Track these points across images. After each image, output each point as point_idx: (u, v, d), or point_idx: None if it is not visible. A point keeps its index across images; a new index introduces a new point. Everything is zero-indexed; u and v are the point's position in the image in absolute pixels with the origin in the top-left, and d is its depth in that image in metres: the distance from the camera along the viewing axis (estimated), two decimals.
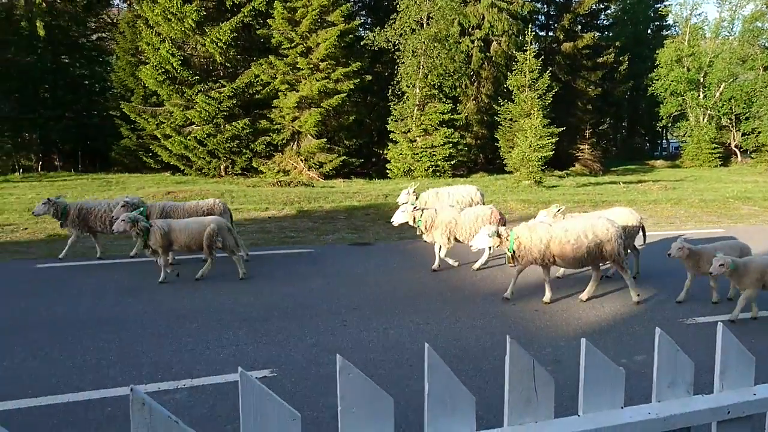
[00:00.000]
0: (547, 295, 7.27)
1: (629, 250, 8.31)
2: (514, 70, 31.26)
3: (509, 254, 7.20)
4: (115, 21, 40.30)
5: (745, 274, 6.30)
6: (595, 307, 7.10)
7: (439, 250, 8.86)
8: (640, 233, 8.43)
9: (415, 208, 8.81)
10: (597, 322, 6.58)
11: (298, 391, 4.70)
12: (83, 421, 4.24)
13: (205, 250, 8.02)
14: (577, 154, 38.93)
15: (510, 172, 27.85)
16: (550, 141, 25.62)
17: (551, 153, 25.62)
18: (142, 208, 8.91)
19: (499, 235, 7.15)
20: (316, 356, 5.46)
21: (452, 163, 30.66)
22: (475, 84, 36.33)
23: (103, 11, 40.72)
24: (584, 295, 7.34)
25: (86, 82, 39.23)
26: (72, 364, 5.25)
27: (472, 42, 35.38)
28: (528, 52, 30.41)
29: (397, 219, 8.86)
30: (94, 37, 41.11)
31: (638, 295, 7.22)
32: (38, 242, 11.34)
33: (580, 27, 42.32)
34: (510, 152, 28.16)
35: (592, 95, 40.64)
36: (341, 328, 6.31)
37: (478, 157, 36.74)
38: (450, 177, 29.58)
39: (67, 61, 37.92)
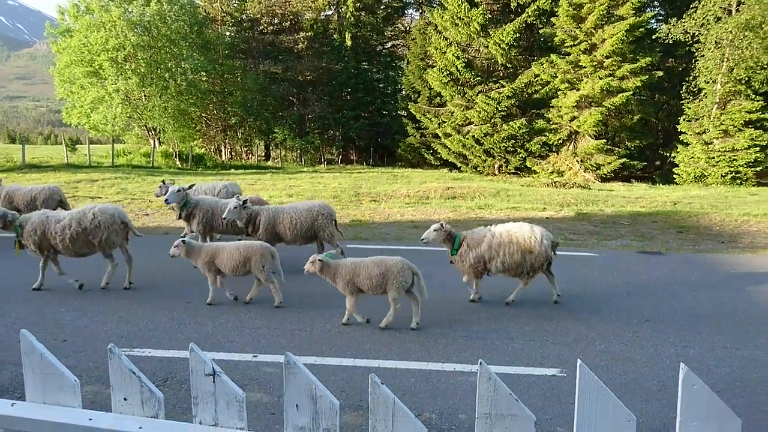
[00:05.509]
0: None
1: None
2: None
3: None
4: (408, 29, 44.15)
5: (337, 274, 6.03)
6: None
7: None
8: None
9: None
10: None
11: None
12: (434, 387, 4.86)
13: None
14: None
15: None
16: None
17: None
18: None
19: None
20: (607, 363, 5.33)
21: (758, 169, 26.52)
22: None
23: (398, 20, 44.97)
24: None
25: (380, 85, 43.89)
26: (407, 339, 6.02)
27: None
28: None
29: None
30: (389, 44, 45.72)
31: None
32: (344, 225, 13.08)
33: None
34: None
35: None
36: (632, 338, 6.04)
37: None
38: (753, 185, 25.69)
39: (366, 66, 42.89)
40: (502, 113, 30.34)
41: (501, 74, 32.16)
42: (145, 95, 33.88)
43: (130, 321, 6.21)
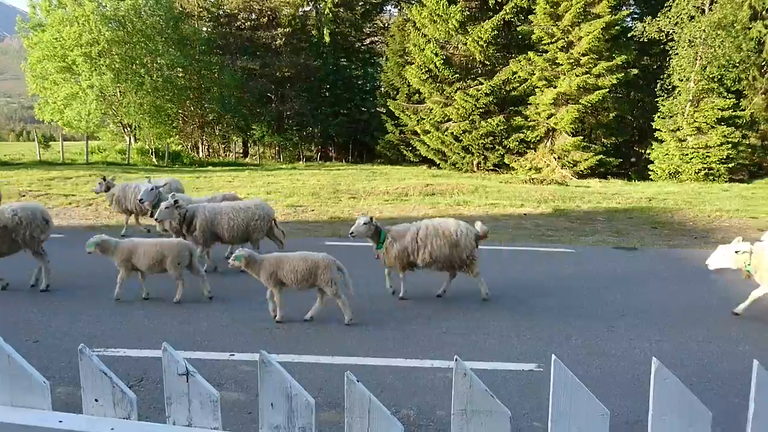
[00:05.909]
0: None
1: None
2: None
3: None
4: (386, 25, 44.08)
5: (261, 267, 6.00)
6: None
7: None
8: None
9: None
10: None
11: None
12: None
13: None
14: None
15: None
16: None
17: None
18: None
19: None
20: (583, 358, 5.39)
21: (730, 166, 27.02)
22: (767, 76, 31.35)
23: (377, 17, 44.86)
24: None
25: (359, 82, 43.74)
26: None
27: (766, 27, 30.55)
28: None
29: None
30: (368, 41, 45.63)
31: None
32: (323, 222, 13.08)
33: None
34: None
35: None
36: (608, 333, 6.12)
37: (765, 160, 31.74)
38: (726, 182, 26.18)
39: (345, 63, 42.72)
40: (481, 110, 30.43)
41: (479, 71, 32.24)
42: (120, 91, 33.34)
43: (104, 320, 6.11)
